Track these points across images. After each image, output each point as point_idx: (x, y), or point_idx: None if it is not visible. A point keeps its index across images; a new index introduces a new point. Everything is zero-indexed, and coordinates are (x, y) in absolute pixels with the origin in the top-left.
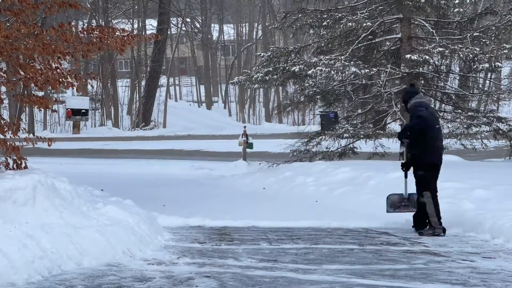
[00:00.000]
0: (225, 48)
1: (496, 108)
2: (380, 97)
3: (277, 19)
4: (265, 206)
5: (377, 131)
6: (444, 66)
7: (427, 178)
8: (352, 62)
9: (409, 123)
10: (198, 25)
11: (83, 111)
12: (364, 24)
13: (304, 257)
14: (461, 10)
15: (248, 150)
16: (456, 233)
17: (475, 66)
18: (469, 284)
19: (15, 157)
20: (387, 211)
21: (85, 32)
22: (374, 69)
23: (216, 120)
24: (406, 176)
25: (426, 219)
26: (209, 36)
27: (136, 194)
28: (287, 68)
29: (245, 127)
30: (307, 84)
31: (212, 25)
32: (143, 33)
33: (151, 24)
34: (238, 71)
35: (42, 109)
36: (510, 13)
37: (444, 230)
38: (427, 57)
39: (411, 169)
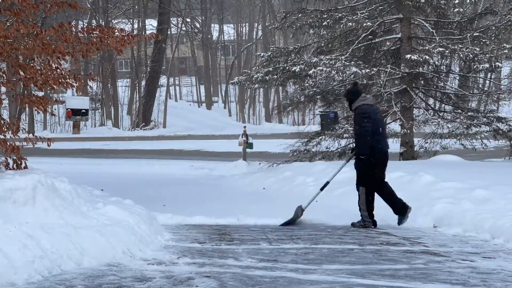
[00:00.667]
0: (225, 48)
1: (496, 108)
2: (380, 97)
3: (277, 19)
4: (265, 206)
5: None
6: (444, 66)
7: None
8: (352, 62)
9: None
10: (198, 25)
11: (83, 111)
12: (364, 24)
13: (304, 257)
14: (461, 10)
15: (248, 150)
16: (456, 233)
17: (475, 66)
18: (469, 284)
19: (15, 157)
20: (282, 225)
21: (85, 32)
22: (374, 69)
23: (216, 120)
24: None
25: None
26: (209, 36)
27: (136, 194)
28: (287, 68)
29: (245, 127)
30: (307, 84)
31: (212, 25)
32: (143, 33)
33: (151, 24)
34: (238, 71)
35: (41, 111)
36: (510, 13)
37: (374, 223)
38: (427, 57)
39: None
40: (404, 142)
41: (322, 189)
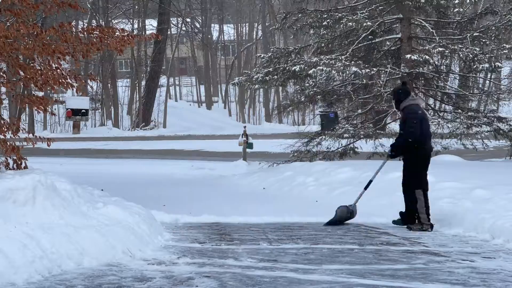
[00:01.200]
0: (225, 48)
1: (496, 108)
2: (380, 97)
3: (277, 19)
4: (265, 206)
5: (377, 131)
6: (444, 66)
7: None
8: (352, 62)
9: (406, 130)
10: (198, 25)
11: (83, 111)
12: (364, 24)
13: (304, 257)
14: (461, 10)
15: (248, 150)
16: (456, 233)
17: (475, 66)
18: (469, 284)
19: (15, 157)
20: (325, 224)
21: (85, 32)
22: (374, 69)
23: (216, 120)
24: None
25: (415, 214)
26: (209, 36)
27: (136, 194)
28: (287, 68)
29: (245, 127)
30: (307, 84)
31: (212, 25)
32: (143, 33)
33: (151, 24)
34: (238, 71)
35: (41, 111)
36: (510, 13)
37: (431, 226)
38: (427, 57)
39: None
40: None
41: (366, 188)
